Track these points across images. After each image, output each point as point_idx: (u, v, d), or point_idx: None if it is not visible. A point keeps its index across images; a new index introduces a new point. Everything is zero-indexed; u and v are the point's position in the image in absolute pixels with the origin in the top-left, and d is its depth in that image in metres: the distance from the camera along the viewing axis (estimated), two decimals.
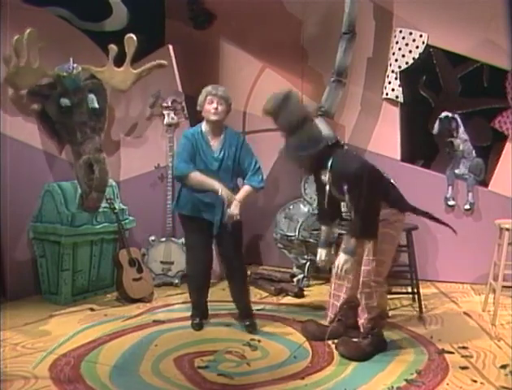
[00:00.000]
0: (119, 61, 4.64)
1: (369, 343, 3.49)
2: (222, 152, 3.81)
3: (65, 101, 4.50)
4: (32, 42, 4.26)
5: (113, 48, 4.57)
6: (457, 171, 5.24)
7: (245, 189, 3.83)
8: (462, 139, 5.19)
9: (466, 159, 5.22)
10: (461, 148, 5.21)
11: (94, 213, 4.70)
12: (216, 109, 3.76)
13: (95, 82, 4.70)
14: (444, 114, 5.20)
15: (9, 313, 4.25)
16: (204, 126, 3.87)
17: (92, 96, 4.57)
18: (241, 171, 3.88)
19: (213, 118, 3.77)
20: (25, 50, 4.26)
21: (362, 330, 3.54)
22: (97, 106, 4.58)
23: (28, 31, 4.21)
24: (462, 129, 5.18)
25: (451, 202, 5.23)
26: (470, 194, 5.18)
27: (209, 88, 3.83)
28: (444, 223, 3.80)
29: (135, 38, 4.51)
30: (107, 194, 4.81)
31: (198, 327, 4.00)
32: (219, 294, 4.69)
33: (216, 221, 3.80)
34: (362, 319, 3.54)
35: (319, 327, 3.84)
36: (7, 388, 3.04)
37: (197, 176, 3.75)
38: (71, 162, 4.98)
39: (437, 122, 5.22)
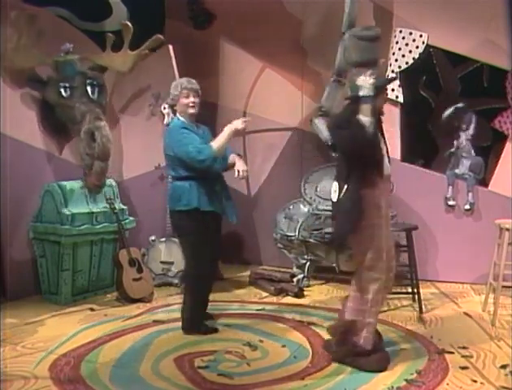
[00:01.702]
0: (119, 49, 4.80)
1: None
2: (203, 138, 3.81)
3: (64, 85, 4.60)
4: (31, 24, 4.40)
5: (110, 36, 4.76)
6: (457, 171, 5.24)
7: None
8: (467, 135, 5.20)
9: (465, 158, 5.22)
10: (463, 144, 5.21)
11: (99, 191, 4.69)
12: (194, 102, 3.79)
13: (94, 72, 4.80)
14: (460, 104, 5.19)
15: (9, 313, 4.25)
16: (182, 119, 3.84)
17: (92, 82, 4.70)
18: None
19: (191, 111, 3.80)
20: (25, 29, 4.39)
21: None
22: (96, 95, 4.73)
23: (27, 14, 4.39)
24: (473, 126, 5.18)
25: (451, 202, 5.23)
26: (470, 194, 5.18)
27: (183, 82, 3.83)
28: None
29: (130, 24, 4.69)
30: (107, 194, 4.81)
31: (213, 329, 3.91)
32: (219, 294, 4.69)
33: (229, 209, 3.82)
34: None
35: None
36: (7, 388, 3.04)
37: (216, 144, 3.68)
38: (71, 161, 5.00)
39: (452, 109, 5.19)
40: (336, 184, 3.39)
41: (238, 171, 3.79)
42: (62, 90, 4.64)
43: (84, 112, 4.62)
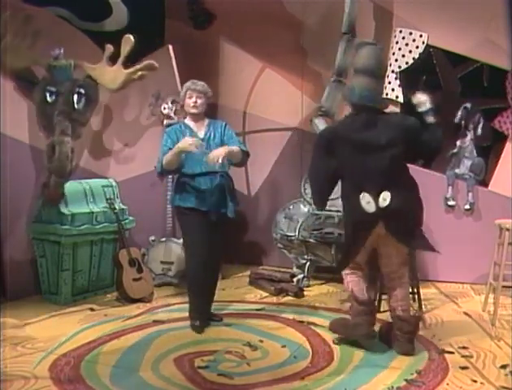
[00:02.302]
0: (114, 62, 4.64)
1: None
2: (207, 133, 4.00)
3: (50, 90, 4.54)
4: (27, 25, 4.38)
5: (109, 47, 4.55)
6: (457, 171, 5.24)
7: (233, 146, 3.94)
8: (472, 135, 5.20)
9: (467, 158, 5.23)
10: (466, 144, 5.21)
11: (56, 206, 4.56)
12: (195, 103, 3.98)
13: (87, 80, 4.67)
14: (468, 104, 5.19)
15: (9, 313, 4.25)
16: (187, 120, 4.08)
17: (81, 91, 4.59)
18: None
19: (193, 111, 4.00)
20: (20, 29, 4.37)
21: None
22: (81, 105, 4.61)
23: (23, 14, 4.38)
24: (481, 125, 5.18)
25: (451, 202, 5.23)
26: (470, 194, 5.18)
27: (188, 83, 4.05)
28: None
29: (133, 39, 4.46)
30: (107, 194, 4.81)
31: (200, 329, 3.95)
32: (219, 294, 4.68)
33: (212, 207, 3.88)
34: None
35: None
36: (7, 388, 3.04)
37: (165, 158, 3.87)
38: None
39: (460, 111, 5.20)
40: (367, 195, 3.37)
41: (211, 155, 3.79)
42: (48, 94, 4.55)
43: (56, 123, 4.49)
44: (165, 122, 5.30)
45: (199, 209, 3.87)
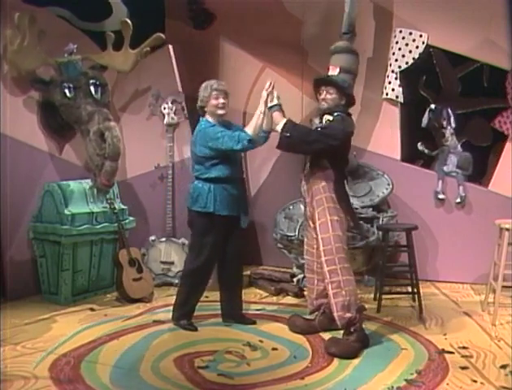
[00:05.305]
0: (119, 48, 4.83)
1: (356, 339, 3.52)
2: None
3: (68, 86, 4.60)
4: (32, 25, 4.42)
5: (110, 34, 4.79)
6: (445, 168, 5.23)
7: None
8: (450, 131, 5.20)
9: (453, 154, 5.21)
10: (449, 140, 5.21)
11: (108, 192, 4.67)
12: (223, 103, 3.91)
13: (95, 72, 4.79)
14: (432, 105, 5.21)
15: (9, 313, 4.25)
16: (209, 119, 3.94)
17: (93, 81, 4.69)
18: None
19: (221, 112, 3.92)
20: (27, 30, 4.40)
21: (338, 324, 3.57)
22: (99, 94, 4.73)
23: (28, 15, 4.40)
24: (453, 119, 5.19)
25: (441, 196, 5.22)
26: (461, 187, 5.17)
27: (213, 83, 3.93)
28: None
29: (129, 22, 4.72)
30: (107, 194, 4.81)
31: (194, 327, 4.00)
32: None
33: (243, 213, 3.96)
34: (336, 313, 3.55)
35: (306, 320, 3.92)
36: (7, 388, 3.04)
37: (249, 128, 3.88)
38: (71, 161, 5.00)
39: (426, 114, 5.22)
40: None
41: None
42: (67, 91, 4.61)
43: (91, 112, 4.56)
44: (165, 121, 5.30)
45: (231, 215, 3.91)
